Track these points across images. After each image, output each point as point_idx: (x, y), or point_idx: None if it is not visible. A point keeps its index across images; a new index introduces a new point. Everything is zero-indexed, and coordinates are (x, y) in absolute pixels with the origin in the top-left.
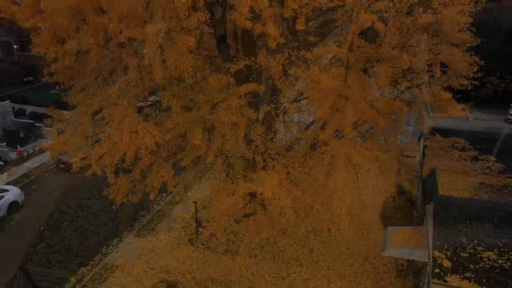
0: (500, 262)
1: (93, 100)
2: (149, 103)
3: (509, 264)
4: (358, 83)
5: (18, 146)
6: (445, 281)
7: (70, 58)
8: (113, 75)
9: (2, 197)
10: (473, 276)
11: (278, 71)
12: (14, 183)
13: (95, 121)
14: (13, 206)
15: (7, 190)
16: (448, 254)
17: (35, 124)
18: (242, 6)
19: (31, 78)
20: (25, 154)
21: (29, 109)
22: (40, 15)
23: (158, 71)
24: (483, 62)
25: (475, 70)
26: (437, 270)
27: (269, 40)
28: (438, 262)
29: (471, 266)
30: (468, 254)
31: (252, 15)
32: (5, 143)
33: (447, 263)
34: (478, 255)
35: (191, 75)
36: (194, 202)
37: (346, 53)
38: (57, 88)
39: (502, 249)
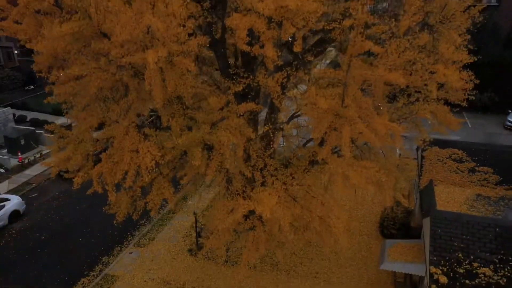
0: (496, 278)
1: (93, 118)
2: (149, 116)
3: (504, 281)
4: (356, 103)
5: (19, 154)
6: None
7: (71, 82)
8: (113, 91)
9: (3, 206)
10: None
11: (276, 90)
12: (15, 191)
13: (96, 139)
14: (14, 215)
15: (8, 199)
16: (445, 269)
17: (36, 131)
18: (240, 30)
19: (32, 87)
20: (26, 161)
21: (29, 115)
22: (42, 36)
23: (158, 95)
24: (478, 81)
25: (471, 87)
26: (433, 286)
27: (267, 62)
28: (434, 278)
29: (467, 282)
30: (464, 270)
31: (250, 39)
32: (6, 150)
33: (443, 279)
34: (474, 271)
35: (190, 95)
36: (194, 213)
37: (344, 75)
38: None
39: (498, 265)
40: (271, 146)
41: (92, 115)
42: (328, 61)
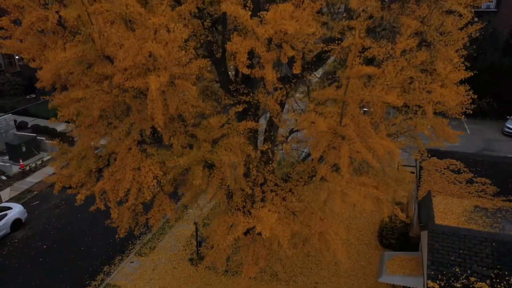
0: None
1: (96, 135)
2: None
3: None
4: (354, 122)
5: (20, 161)
6: None
7: (75, 104)
8: (115, 108)
9: (5, 215)
10: None
11: (276, 109)
12: (16, 198)
13: (99, 155)
14: (16, 224)
15: (10, 208)
16: (442, 284)
17: (37, 138)
18: (241, 54)
19: (34, 95)
20: (27, 168)
21: (30, 121)
22: (46, 58)
23: (160, 117)
24: (475, 96)
25: (469, 101)
26: None
27: (267, 84)
28: None
29: None
30: (461, 285)
31: (250, 62)
32: (7, 157)
33: None
34: (471, 286)
35: (192, 115)
36: (195, 223)
37: (342, 95)
38: None
39: (494, 280)
40: (271, 163)
41: (95, 132)
42: (325, 67)
